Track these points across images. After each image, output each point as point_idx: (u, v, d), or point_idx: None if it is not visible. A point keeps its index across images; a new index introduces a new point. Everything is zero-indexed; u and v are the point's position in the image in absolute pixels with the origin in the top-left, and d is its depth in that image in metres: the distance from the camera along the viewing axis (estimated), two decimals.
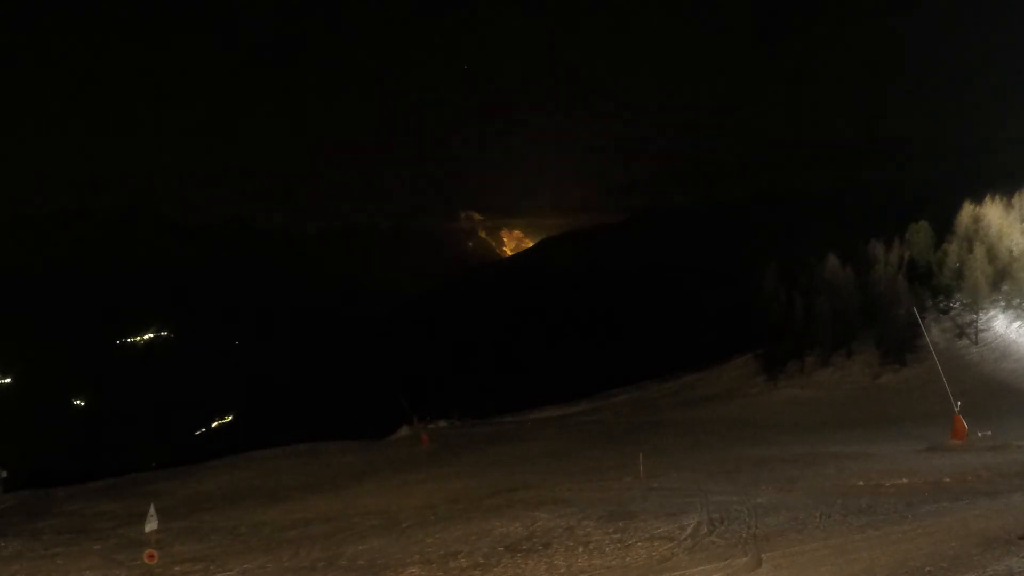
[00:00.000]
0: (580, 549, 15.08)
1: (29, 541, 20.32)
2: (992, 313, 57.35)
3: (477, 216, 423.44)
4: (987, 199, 61.08)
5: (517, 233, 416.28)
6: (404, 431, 51.82)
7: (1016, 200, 60.11)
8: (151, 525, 16.09)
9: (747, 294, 70.17)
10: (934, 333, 56.09)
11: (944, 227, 62.13)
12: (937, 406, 39.30)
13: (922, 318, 50.53)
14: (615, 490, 22.52)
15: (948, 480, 21.04)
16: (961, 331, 57.41)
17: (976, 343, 55.42)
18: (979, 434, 29.89)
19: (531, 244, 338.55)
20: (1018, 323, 55.67)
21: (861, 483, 21.28)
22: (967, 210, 60.89)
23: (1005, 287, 57.45)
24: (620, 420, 52.73)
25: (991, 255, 57.95)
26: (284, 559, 16.37)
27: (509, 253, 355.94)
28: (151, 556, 15.71)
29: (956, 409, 31.50)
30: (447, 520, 19.38)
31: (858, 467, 24.38)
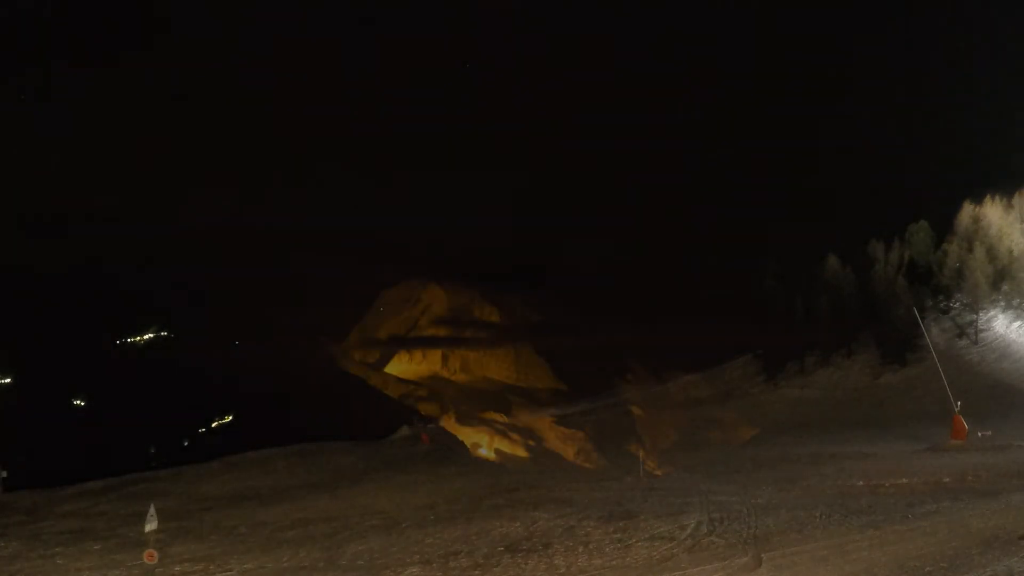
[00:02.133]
0: (580, 549, 15.08)
1: (29, 541, 20.27)
2: (992, 313, 57.37)
3: None
4: (987, 199, 61.07)
5: None
6: (404, 431, 51.76)
7: (1016, 200, 60.09)
8: (151, 525, 16.05)
9: (747, 294, 70.17)
10: (934, 333, 56.10)
11: (944, 227, 62.12)
12: (937, 406, 39.33)
13: (922, 318, 50.53)
14: (615, 490, 22.54)
15: (948, 480, 21.06)
16: (961, 331, 57.40)
17: (976, 343, 55.42)
18: (979, 434, 29.91)
19: None
20: (1018, 323, 55.69)
21: (861, 483, 21.29)
22: (967, 210, 60.89)
23: (1005, 287, 57.45)
24: (621, 420, 52.81)
25: (991, 255, 57.97)
26: (284, 559, 16.35)
27: None
28: (151, 556, 15.67)
29: (956, 409, 31.52)
30: (447, 520, 19.36)
31: (858, 467, 24.40)
